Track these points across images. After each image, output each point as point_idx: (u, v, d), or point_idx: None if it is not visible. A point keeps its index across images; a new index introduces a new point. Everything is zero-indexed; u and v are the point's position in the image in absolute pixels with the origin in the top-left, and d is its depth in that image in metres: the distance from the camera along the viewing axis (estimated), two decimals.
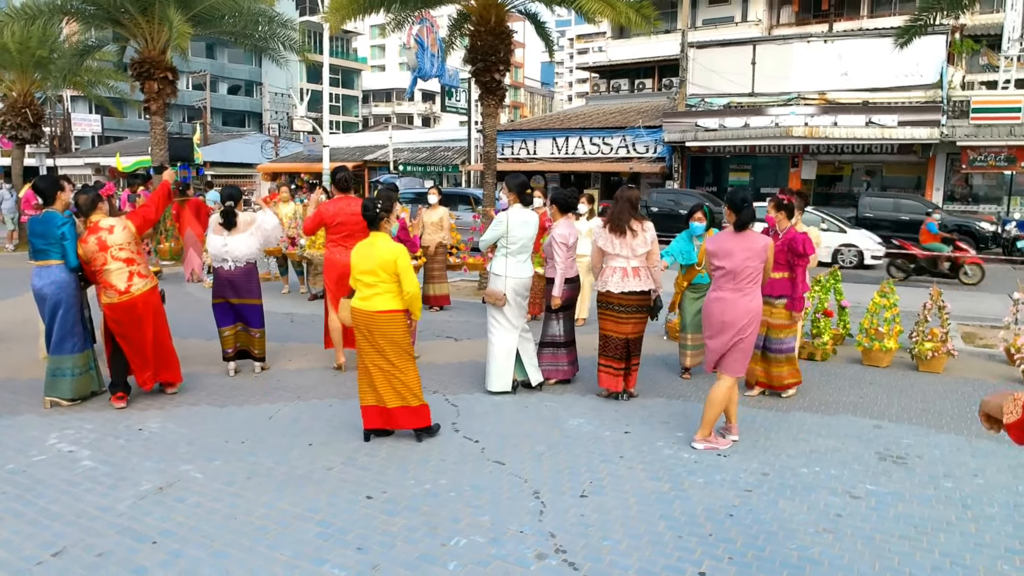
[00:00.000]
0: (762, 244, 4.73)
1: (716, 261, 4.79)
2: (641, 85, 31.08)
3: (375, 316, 4.65)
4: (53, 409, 5.36)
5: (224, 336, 6.30)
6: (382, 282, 4.63)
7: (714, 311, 4.77)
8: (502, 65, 11.36)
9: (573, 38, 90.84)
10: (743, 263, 4.67)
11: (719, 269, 4.77)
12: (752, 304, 4.71)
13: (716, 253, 4.80)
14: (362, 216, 4.78)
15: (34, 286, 5.37)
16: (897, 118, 20.24)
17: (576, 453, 4.66)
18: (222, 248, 6.10)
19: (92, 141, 48.51)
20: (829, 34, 24.23)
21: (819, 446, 4.85)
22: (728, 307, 4.69)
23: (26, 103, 18.70)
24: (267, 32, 16.46)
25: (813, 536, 3.62)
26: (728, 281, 4.73)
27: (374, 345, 4.70)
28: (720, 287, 4.78)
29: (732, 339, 4.68)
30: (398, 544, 3.48)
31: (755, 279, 4.73)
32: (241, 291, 6.20)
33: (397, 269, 4.62)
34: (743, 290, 4.69)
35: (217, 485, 4.11)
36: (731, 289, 4.72)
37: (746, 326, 4.68)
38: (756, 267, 4.70)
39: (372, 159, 32.91)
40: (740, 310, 4.67)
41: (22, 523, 3.64)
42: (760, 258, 4.70)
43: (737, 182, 24.07)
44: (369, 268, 4.63)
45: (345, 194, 6.52)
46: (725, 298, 4.71)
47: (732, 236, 4.79)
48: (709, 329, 4.83)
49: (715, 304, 4.78)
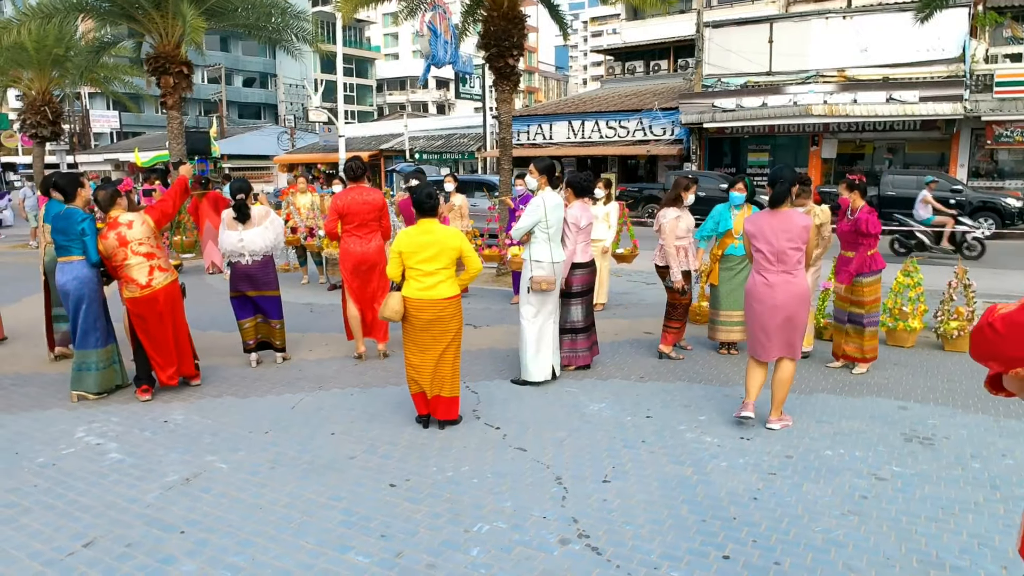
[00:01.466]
0: (801, 225, 4.58)
1: (755, 243, 4.69)
2: (657, 67, 30.78)
3: (443, 304, 4.66)
4: (80, 403, 5.44)
5: (245, 328, 6.34)
6: (444, 268, 4.65)
7: (762, 296, 4.64)
8: (516, 50, 11.27)
9: (587, 21, 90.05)
10: (782, 246, 4.56)
11: (759, 252, 4.67)
12: (799, 287, 4.61)
13: (753, 234, 4.69)
14: (416, 206, 4.74)
15: (58, 282, 5.45)
16: (919, 94, 19.87)
17: (597, 438, 4.65)
18: (238, 243, 6.12)
19: (111, 137, 48.98)
20: (848, 10, 23.77)
21: (843, 428, 4.80)
22: (777, 291, 4.59)
23: (45, 101, 18.90)
24: (280, 24, 16.47)
25: (838, 519, 3.58)
26: (770, 264, 4.62)
27: (436, 334, 4.69)
28: (763, 270, 4.66)
29: (783, 322, 4.59)
30: (421, 531, 3.50)
31: (800, 261, 4.60)
32: (259, 284, 6.23)
33: (462, 253, 4.71)
34: (790, 272, 4.59)
35: (241, 475, 4.16)
36: (775, 272, 4.61)
37: (797, 309, 4.60)
38: (797, 249, 4.58)
39: (388, 148, 32.92)
40: (787, 294, 4.57)
41: (53, 515, 3.71)
42: (801, 239, 4.57)
43: (756, 162, 23.80)
44: (432, 255, 4.61)
45: (356, 183, 6.48)
46: (771, 282, 4.61)
47: (768, 216, 4.67)
48: (757, 315, 4.68)
49: (762, 289, 4.65)
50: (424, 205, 4.72)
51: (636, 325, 7.89)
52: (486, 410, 5.22)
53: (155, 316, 5.37)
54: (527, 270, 5.72)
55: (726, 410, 5.08)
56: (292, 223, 10.78)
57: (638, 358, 6.60)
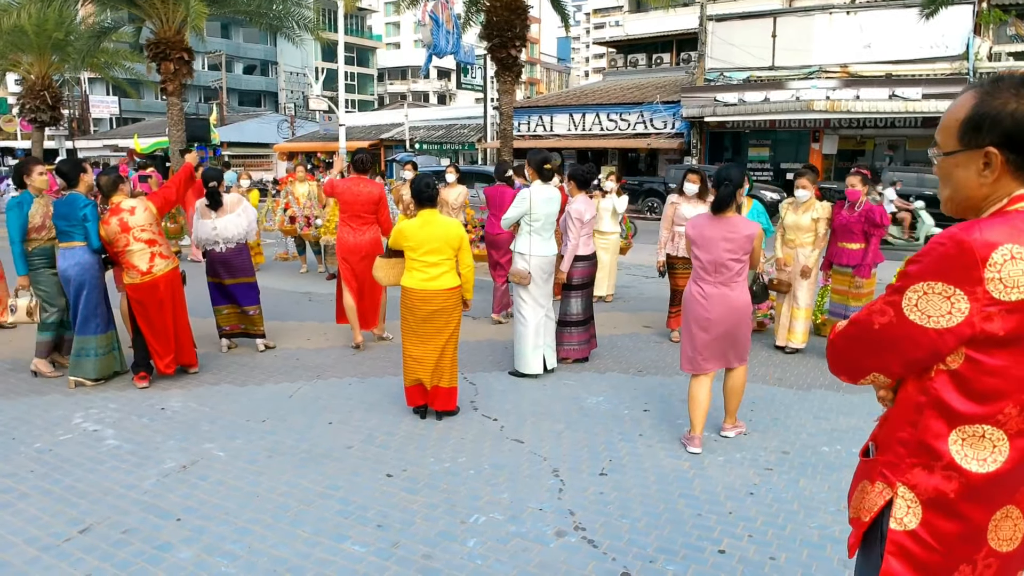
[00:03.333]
0: (746, 234, 4.15)
1: (693, 249, 4.27)
2: (659, 60, 30.67)
3: (447, 294, 4.66)
4: (77, 389, 5.44)
5: (223, 314, 6.47)
6: (447, 259, 4.66)
7: (695, 310, 4.25)
8: (518, 41, 11.26)
9: (589, 12, 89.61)
10: (720, 256, 4.15)
11: (696, 259, 4.27)
12: (737, 300, 4.21)
13: (693, 239, 4.27)
14: (413, 195, 4.76)
15: (59, 267, 5.43)
16: (921, 91, 19.82)
17: (595, 431, 4.66)
18: (212, 231, 6.20)
19: (110, 123, 48.79)
20: (851, 5, 23.68)
21: (840, 424, 4.81)
22: (712, 304, 4.19)
23: (44, 86, 18.84)
24: (282, 11, 16.41)
25: (834, 515, 3.59)
26: (707, 274, 4.22)
27: (440, 325, 4.68)
28: (699, 279, 4.26)
29: (720, 337, 4.22)
30: (418, 521, 3.50)
31: (740, 272, 4.21)
32: (235, 270, 6.35)
33: (461, 244, 4.69)
34: (727, 284, 4.19)
35: (239, 463, 4.16)
36: (711, 283, 4.21)
37: (735, 324, 4.23)
38: (738, 261, 4.17)
39: (388, 137, 32.83)
40: (724, 308, 4.19)
41: (50, 500, 3.71)
42: (743, 250, 4.16)
43: (757, 157, 23.78)
44: (435, 246, 4.61)
45: (360, 175, 6.53)
46: (706, 294, 4.22)
47: (710, 221, 4.23)
48: (691, 329, 4.30)
49: (696, 301, 4.25)
50: (423, 195, 4.72)
51: (635, 319, 7.89)
52: (484, 401, 5.22)
53: (155, 303, 5.36)
54: (515, 262, 5.75)
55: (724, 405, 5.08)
56: (291, 212, 10.76)
57: (637, 352, 6.60)
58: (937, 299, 1.40)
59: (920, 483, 1.48)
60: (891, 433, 1.56)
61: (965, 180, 1.48)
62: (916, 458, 1.49)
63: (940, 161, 1.53)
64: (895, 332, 1.48)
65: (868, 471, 1.60)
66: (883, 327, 1.50)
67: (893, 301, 1.47)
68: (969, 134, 1.46)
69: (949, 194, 1.54)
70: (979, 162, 1.45)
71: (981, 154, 1.44)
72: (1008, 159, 1.42)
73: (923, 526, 1.48)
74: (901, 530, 1.49)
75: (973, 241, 1.35)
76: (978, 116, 1.44)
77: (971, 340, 1.39)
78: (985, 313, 1.36)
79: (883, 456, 1.57)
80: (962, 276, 1.36)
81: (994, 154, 1.43)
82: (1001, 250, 1.33)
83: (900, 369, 1.52)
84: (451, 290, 4.70)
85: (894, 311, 1.47)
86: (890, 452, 1.55)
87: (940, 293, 1.39)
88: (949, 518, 1.46)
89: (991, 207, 1.45)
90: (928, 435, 1.47)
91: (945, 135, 1.51)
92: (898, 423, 1.55)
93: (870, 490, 1.57)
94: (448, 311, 4.71)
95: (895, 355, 1.50)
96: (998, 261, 1.33)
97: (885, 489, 1.53)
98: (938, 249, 1.40)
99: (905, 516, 1.49)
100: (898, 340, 1.48)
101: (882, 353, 1.52)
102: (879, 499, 1.54)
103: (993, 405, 1.41)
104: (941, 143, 1.53)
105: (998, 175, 1.44)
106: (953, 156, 1.50)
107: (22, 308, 5.52)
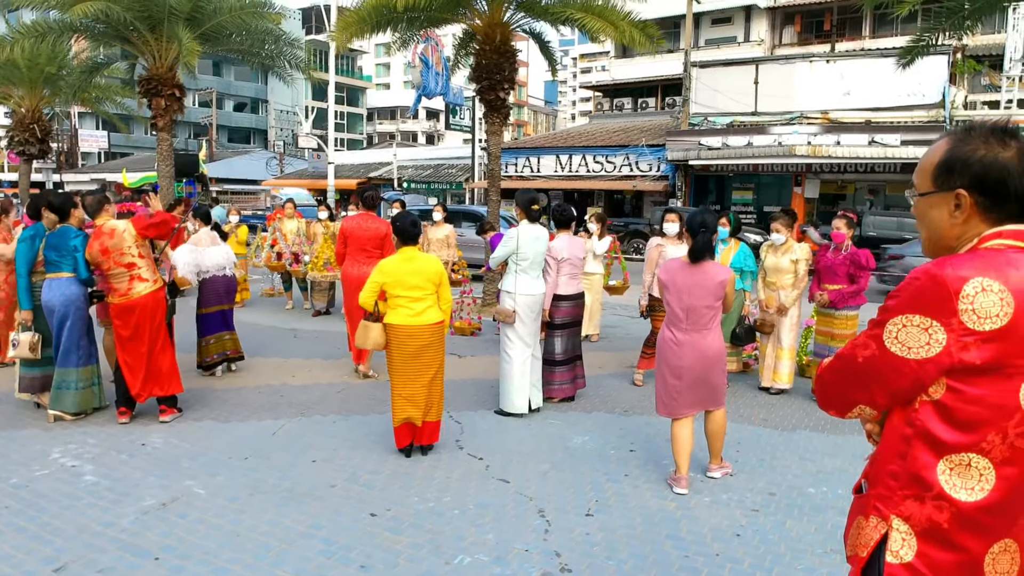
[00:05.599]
0: (718, 280, 4.13)
1: (665, 294, 4.25)
2: (644, 104, 31.28)
3: (432, 328, 4.73)
4: (56, 423, 5.35)
5: (211, 345, 6.81)
6: (430, 295, 4.73)
7: (668, 355, 4.23)
8: (507, 83, 11.44)
9: (576, 57, 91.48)
10: (693, 303, 4.13)
11: (668, 305, 4.25)
12: (711, 347, 4.18)
13: (666, 285, 4.24)
14: (397, 232, 4.83)
15: (43, 298, 5.38)
16: (900, 137, 20.29)
17: (581, 471, 4.63)
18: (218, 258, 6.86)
19: (98, 157, 48.82)
20: (831, 54, 24.40)
21: (826, 466, 4.81)
22: (684, 351, 4.17)
23: (34, 119, 18.87)
24: (274, 50, 16.60)
25: (821, 556, 3.58)
26: (679, 320, 4.19)
27: (426, 360, 4.72)
28: (672, 325, 4.24)
29: (693, 383, 4.19)
30: (401, 562, 3.45)
31: (713, 318, 4.17)
32: (231, 294, 6.99)
33: (442, 280, 4.79)
34: (700, 331, 4.16)
35: (220, 501, 4.09)
36: (684, 330, 4.18)
37: (707, 370, 4.20)
38: (711, 308, 4.14)
39: (376, 176, 33.04)
40: (697, 354, 4.16)
41: (24, 538, 3.62)
42: (716, 296, 4.14)
43: (740, 200, 24.12)
44: (418, 283, 4.69)
45: (368, 212, 6.91)
46: (679, 340, 4.19)
47: (684, 268, 4.20)
48: (664, 374, 4.28)
49: (669, 347, 4.23)
50: (407, 233, 4.80)
51: (621, 358, 7.90)
52: (469, 440, 5.19)
53: (131, 326, 5.29)
54: (501, 300, 5.81)
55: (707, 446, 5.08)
56: (278, 248, 10.76)
57: (622, 391, 6.60)
58: (916, 331, 1.46)
59: (914, 514, 1.50)
60: (881, 467, 1.59)
61: (939, 220, 1.58)
62: (908, 490, 1.51)
63: (916, 202, 1.64)
64: (878, 364, 1.54)
65: (862, 507, 1.62)
66: (867, 360, 1.56)
67: (875, 335, 1.54)
68: (942, 176, 1.56)
69: (926, 235, 1.64)
70: (951, 203, 1.55)
71: (953, 196, 1.54)
72: (977, 201, 1.52)
73: (919, 558, 1.49)
74: (898, 563, 1.50)
75: (946, 275, 1.43)
76: (950, 160, 1.55)
77: (951, 370, 1.45)
78: (962, 343, 1.42)
79: (875, 490, 1.59)
80: (938, 308, 1.43)
81: (964, 196, 1.52)
82: (972, 283, 1.41)
83: (885, 400, 1.58)
84: (436, 325, 4.76)
85: (876, 344, 1.53)
86: (881, 485, 1.57)
87: (918, 325, 1.46)
88: (945, 549, 1.47)
89: (963, 246, 1.54)
90: (917, 466, 1.50)
91: (921, 177, 1.62)
92: (887, 456, 1.58)
93: (865, 525, 1.58)
94: (435, 346, 4.75)
95: (880, 387, 1.55)
96: (970, 293, 1.41)
97: (880, 523, 1.55)
98: (914, 284, 1.48)
99: (901, 549, 1.51)
100: (882, 372, 1.53)
101: (868, 385, 1.58)
102: (875, 533, 1.55)
103: (977, 433, 1.45)
104: (918, 184, 1.63)
105: (967, 215, 1.53)
106: (928, 197, 1.60)
107: (24, 343, 5.45)
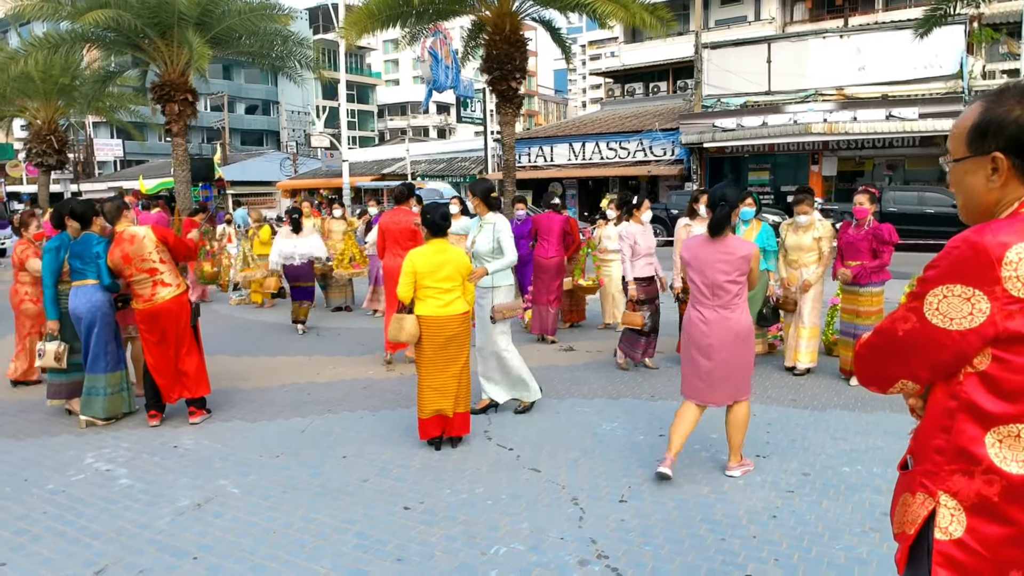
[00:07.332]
0: (741, 255, 4.03)
1: (689, 272, 4.17)
2: (656, 88, 31.02)
3: (460, 319, 4.78)
4: (89, 429, 5.41)
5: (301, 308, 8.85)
6: (458, 286, 4.79)
7: (695, 335, 4.14)
8: (518, 73, 11.41)
9: (585, 44, 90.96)
10: (717, 279, 4.04)
11: (693, 283, 4.16)
12: (738, 324, 4.08)
13: (688, 262, 4.16)
14: (427, 224, 4.88)
15: (70, 305, 5.43)
16: (918, 111, 19.98)
17: (612, 458, 4.61)
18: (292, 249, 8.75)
19: (115, 165, 49.29)
20: (844, 29, 24.02)
21: (859, 444, 4.75)
22: (712, 330, 4.07)
23: (51, 130, 19.10)
24: (283, 51, 16.67)
25: (859, 536, 3.53)
26: (705, 298, 4.10)
27: (455, 350, 4.78)
28: (698, 304, 4.14)
29: (721, 364, 4.08)
30: (437, 554, 3.45)
31: (739, 294, 4.08)
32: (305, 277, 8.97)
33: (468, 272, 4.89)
34: (727, 307, 4.07)
35: (254, 499, 4.12)
36: (710, 307, 4.09)
37: (735, 349, 4.09)
38: (735, 283, 4.05)
39: (390, 172, 33.11)
40: (724, 332, 4.06)
41: (64, 542, 3.66)
42: (739, 271, 4.03)
43: (757, 181, 23.90)
44: (448, 274, 4.73)
45: (399, 205, 7.23)
46: (706, 319, 4.09)
47: (705, 243, 4.12)
48: (692, 356, 4.18)
49: (696, 327, 4.14)
50: (437, 226, 4.84)
51: None
52: (498, 431, 5.18)
53: (157, 331, 5.34)
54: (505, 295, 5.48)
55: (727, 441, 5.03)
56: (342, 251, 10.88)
57: (650, 377, 6.56)
58: (957, 301, 1.42)
59: (962, 489, 1.46)
60: (926, 442, 1.55)
61: (975, 186, 1.52)
62: (954, 464, 1.47)
63: (951, 168, 1.58)
64: (919, 337, 1.49)
65: (908, 484, 1.58)
66: (907, 333, 1.51)
67: (915, 307, 1.49)
68: (976, 140, 1.50)
69: (963, 201, 1.58)
70: (987, 167, 1.49)
71: (988, 159, 1.49)
72: (1014, 164, 1.46)
73: (969, 533, 1.45)
74: (947, 539, 1.46)
75: (986, 242, 1.38)
76: (984, 123, 1.49)
77: (995, 339, 1.40)
78: (1007, 311, 1.37)
79: (921, 466, 1.55)
80: (979, 277, 1.38)
81: (1000, 159, 1.47)
82: (1015, 249, 1.36)
83: (927, 374, 1.53)
84: (463, 315, 4.81)
85: (916, 317, 1.49)
86: (927, 461, 1.53)
87: (960, 295, 1.41)
88: (995, 522, 1.43)
89: (1003, 212, 1.49)
90: (963, 439, 1.46)
91: (955, 143, 1.56)
92: (931, 431, 1.53)
93: (912, 502, 1.54)
94: (462, 336, 4.80)
95: (921, 360, 1.51)
96: (1013, 259, 1.36)
97: (927, 499, 1.51)
98: (954, 252, 1.43)
99: (950, 525, 1.47)
100: (923, 345, 1.49)
101: (908, 359, 1.53)
102: (922, 510, 1.52)
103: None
104: (951, 150, 1.58)
105: (1005, 179, 1.48)
106: (962, 163, 1.54)
107: (50, 353, 5.52)
